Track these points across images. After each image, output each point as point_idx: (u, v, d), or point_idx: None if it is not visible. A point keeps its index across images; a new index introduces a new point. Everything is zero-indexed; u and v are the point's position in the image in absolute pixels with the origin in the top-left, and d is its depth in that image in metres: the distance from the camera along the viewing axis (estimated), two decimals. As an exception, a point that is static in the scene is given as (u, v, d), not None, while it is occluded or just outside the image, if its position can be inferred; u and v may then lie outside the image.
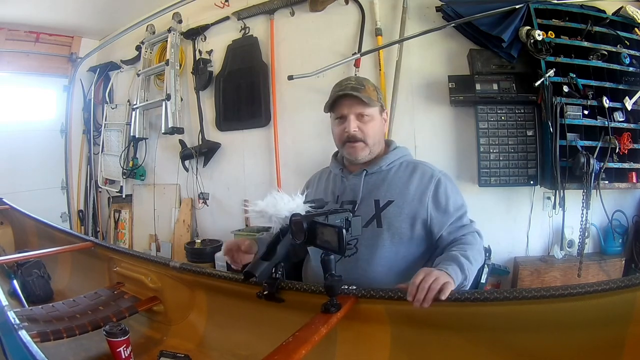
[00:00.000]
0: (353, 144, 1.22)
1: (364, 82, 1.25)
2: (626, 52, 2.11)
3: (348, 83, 1.24)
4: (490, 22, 2.22)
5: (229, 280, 1.24)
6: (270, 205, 0.99)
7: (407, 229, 1.18)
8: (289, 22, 2.91)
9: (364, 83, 1.24)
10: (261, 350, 0.79)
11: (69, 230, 2.18)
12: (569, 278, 2.14)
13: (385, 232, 1.17)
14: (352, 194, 1.25)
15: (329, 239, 0.86)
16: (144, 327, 1.46)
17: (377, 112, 1.23)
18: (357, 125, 1.20)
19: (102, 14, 3.40)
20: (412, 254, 1.20)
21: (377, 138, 1.25)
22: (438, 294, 0.88)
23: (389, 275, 1.16)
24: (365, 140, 1.22)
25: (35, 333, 1.14)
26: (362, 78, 1.28)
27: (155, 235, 3.61)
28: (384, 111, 1.28)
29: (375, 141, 1.24)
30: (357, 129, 1.20)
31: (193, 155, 3.24)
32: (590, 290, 0.77)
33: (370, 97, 1.20)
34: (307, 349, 0.78)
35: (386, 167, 1.24)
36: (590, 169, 1.98)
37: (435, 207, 1.19)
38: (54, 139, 3.88)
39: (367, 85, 1.24)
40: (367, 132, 1.21)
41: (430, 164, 1.29)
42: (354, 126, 1.20)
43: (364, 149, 1.23)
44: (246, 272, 0.99)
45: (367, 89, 1.22)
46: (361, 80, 1.26)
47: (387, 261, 1.17)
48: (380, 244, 1.17)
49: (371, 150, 1.24)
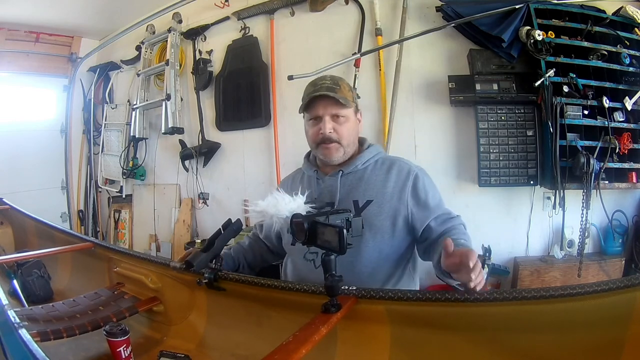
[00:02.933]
0: (328, 145, 1.20)
1: (339, 81, 1.22)
2: (626, 52, 2.11)
3: (323, 83, 1.20)
4: (490, 22, 2.22)
5: (230, 280, 1.24)
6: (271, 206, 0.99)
7: (389, 227, 1.16)
8: (289, 22, 2.91)
9: (339, 83, 1.21)
10: (261, 350, 0.79)
11: (69, 231, 2.17)
12: (569, 278, 2.14)
13: (367, 232, 1.15)
14: (329, 196, 1.23)
15: (330, 239, 0.86)
16: (144, 327, 1.46)
17: (352, 112, 1.22)
18: (332, 127, 1.18)
19: (102, 14, 3.41)
20: (395, 252, 1.19)
21: (352, 139, 1.23)
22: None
23: (374, 275, 1.16)
24: (340, 142, 1.20)
25: (35, 332, 1.14)
26: (337, 77, 1.24)
27: (155, 235, 3.61)
28: (358, 111, 1.26)
29: (349, 142, 1.22)
30: (333, 130, 1.18)
31: (193, 155, 3.24)
32: (590, 291, 0.77)
33: (345, 98, 1.18)
34: (307, 349, 0.78)
35: (362, 166, 1.23)
36: (590, 169, 1.98)
37: (415, 202, 1.18)
38: (54, 139, 3.88)
39: (343, 85, 1.21)
40: (342, 133, 1.19)
41: (405, 160, 1.27)
42: (329, 127, 1.18)
43: (338, 150, 1.21)
44: (186, 262, 1.12)
45: (342, 88, 1.20)
46: (336, 79, 1.23)
47: (371, 261, 1.16)
48: (363, 245, 1.15)
49: (345, 151, 1.22)
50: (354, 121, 1.24)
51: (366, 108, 2.65)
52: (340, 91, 1.19)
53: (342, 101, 1.16)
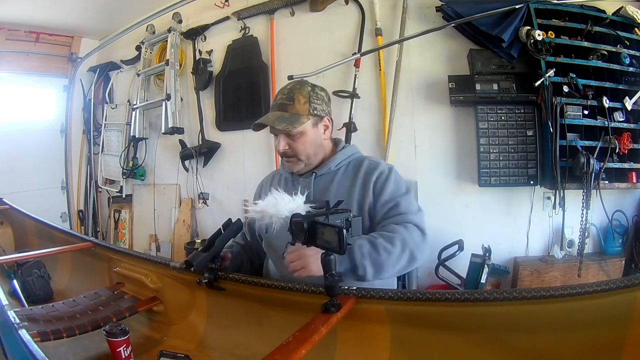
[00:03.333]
0: (288, 159, 1.25)
1: (295, 94, 1.20)
2: (626, 52, 2.11)
3: (280, 98, 1.22)
4: (490, 22, 2.22)
5: (230, 280, 1.24)
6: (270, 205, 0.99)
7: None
8: (289, 22, 2.91)
9: (295, 96, 1.20)
10: (261, 350, 0.79)
11: (69, 230, 2.17)
12: (569, 278, 2.14)
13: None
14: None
15: (330, 238, 0.86)
16: (144, 327, 1.46)
17: (308, 126, 1.21)
18: (286, 144, 1.21)
19: (102, 14, 3.41)
20: None
21: (312, 150, 1.24)
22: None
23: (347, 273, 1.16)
24: (297, 157, 1.23)
25: (35, 332, 1.14)
26: (296, 87, 1.23)
27: (155, 235, 3.61)
28: (322, 119, 1.24)
29: (308, 154, 1.24)
30: (287, 147, 1.21)
31: (193, 155, 3.24)
32: (590, 291, 0.77)
33: (296, 115, 1.18)
34: (307, 349, 0.78)
35: (335, 168, 1.25)
36: (590, 169, 1.98)
37: (375, 197, 1.19)
38: (54, 139, 3.88)
39: (298, 98, 1.20)
40: (297, 148, 1.22)
41: (377, 159, 1.30)
42: (283, 145, 1.21)
43: (297, 164, 1.25)
44: (186, 262, 1.15)
45: (295, 104, 1.19)
46: (293, 92, 1.21)
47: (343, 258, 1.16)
48: None
49: (306, 163, 1.25)
50: (313, 133, 1.23)
51: (366, 108, 2.66)
52: (293, 107, 1.19)
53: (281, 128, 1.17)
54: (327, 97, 1.28)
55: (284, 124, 1.18)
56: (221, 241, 1.21)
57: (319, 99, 1.24)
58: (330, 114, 1.29)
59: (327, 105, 1.27)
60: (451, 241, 2.26)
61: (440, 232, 2.43)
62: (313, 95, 1.22)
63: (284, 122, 1.18)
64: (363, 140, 2.65)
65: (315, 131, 1.24)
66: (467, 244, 2.21)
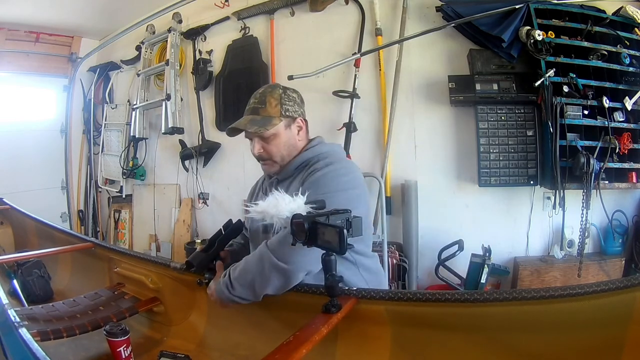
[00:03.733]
0: (263, 162, 1.27)
1: (266, 97, 1.22)
2: (626, 52, 2.11)
3: (252, 102, 1.23)
4: (490, 22, 2.22)
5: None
6: (271, 206, 0.99)
7: None
8: (289, 22, 2.91)
9: (266, 99, 1.21)
10: (261, 350, 0.79)
11: (69, 231, 2.17)
12: (569, 278, 2.14)
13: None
14: None
15: (330, 239, 0.86)
16: (144, 328, 1.46)
17: (280, 128, 1.21)
18: (260, 147, 1.22)
19: (102, 14, 3.41)
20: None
21: (286, 152, 1.24)
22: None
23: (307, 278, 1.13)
24: (272, 159, 1.24)
25: (35, 332, 1.14)
26: (268, 91, 1.24)
27: (155, 235, 3.61)
28: (295, 120, 1.25)
29: (282, 156, 1.24)
30: (262, 150, 1.23)
31: (193, 155, 3.24)
32: (590, 291, 0.77)
33: (268, 118, 1.19)
34: (308, 349, 0.78)
35: (293, 170, 1.24)
36: (590, 169, 1.98)
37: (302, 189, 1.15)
38: (54, 139, 3.88)
39: (269, 101, 1.21)
40: (271, 150, 1.23)
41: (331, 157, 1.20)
42: (257, 148, 1.22)
43: (273, 166, 1.26)
44: (187, 262, 1.18)
45: (267, 107, 1.21)
46: (265, 95, 1.23)
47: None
48: None
49: (281, 164, 1.25)
50: (286, 134, 1.23)
51: (366, 108, 2.66)
52: (265, 110, 1.21)
53: (252, 130, 1.19)
54: (300, 98, 1.29)
55: (255, 126, 1.19)
56: (221, 242, 1.22)
57: (290, 100, 1.25)
58: (304, 115, 1.29)
59: (300, 106, 1.28)
60: (451, 241, 2.26)
61: (440, 232, 2.44)
62: (285, 97, 1.24)
63: (256, 125, 1.20)
64: (363, 140, 2.66)
65: (288, 132, 1.24)
66: (467, 244, 2.22)
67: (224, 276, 1.12)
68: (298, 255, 1.02)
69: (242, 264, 1.10)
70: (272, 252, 1.05)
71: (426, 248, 2.46)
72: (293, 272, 1.03)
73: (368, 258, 1.24)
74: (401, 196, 2.55)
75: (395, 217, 2.59)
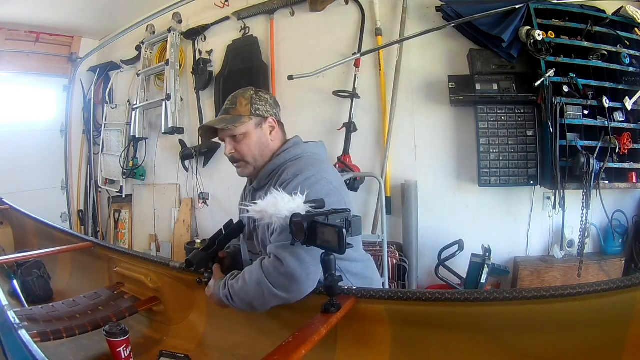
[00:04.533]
0: (236, 164, 1.27)
1: (238, 98, 1.25)
2: (626, 52, 2.11)
3: (225, 104, 1.26)
4: (490, 22, 2.22)
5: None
6: (270, 205, 0.98)
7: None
8: (289, 22, 2.91)
9: (237, 100, 1.24)
10: (261, 350, 0.79)
11: (68, 230, 2.17)
12: (569, 278, 2.14)
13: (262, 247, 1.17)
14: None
15: (330, 238, 0.86)
16: (143, 327, 1.46)
17: (251, 127, 1.23)
18: (232, 147, 1.24)
19: (102, 14, 3.41)
20: None
21: (258, 152, 1.24)
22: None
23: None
24: (244, 159, 1.25)
25: (35, 333, 1.14)
26: (239, 93, 1.26)
27: (155, 235, 3.61)
28: (265, 120, 1.25)
29: (255, 156, 1.24)
30: (234, 151, 1.24)
31: (193, 155, 3.24)
32: (590, 291, 0.77)
33: (237, 117, 1.21)
34: (307, 349, 0.78)
35: (266, 179, 1.24)
36: (590, 169, 1.98)
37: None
38: (54, 139, 3.88)
39: (240, 101, 1.24)
40: (242, 151, 1.23)
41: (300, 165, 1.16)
42: (229, 149, 1.24)
43: (246, 167, 1.26)
44: (187, 261, 1.19)
45: (237, 107, 1.23)
46: (236, 96, 1.25)
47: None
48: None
49: (255, 165, 1.26)
50: (257, 133, 1.24)
51: (366, 108, 2.66)
52: (235, 110, 1.23)
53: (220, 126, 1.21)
54: (273, 100, 1.31)
55: (224, 123, 1.22)
56: (222, 242, 1.22)
57: (262, 100, 1.26)
58: (277, 116, 1.30)
59: (272, 107, 1.29)
60: (451, 241, 2.26)
61: (440, 232, 2.43)
62: (255, 97, 1.26)
63: (224, 122, 1.22)
64: (363, 140, 2.66)
65: (259, 132, 1.25)
66: (467, 244, 2.21)
67: (224, 287, 1.10)
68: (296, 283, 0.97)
69: (241, 281, 1.06)
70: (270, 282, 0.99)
71: (426, 248, 2.46)
72: (294, 299, 1.00)
73: (356, 263, 1.20)
74: (401, 196, 2.55)
75: (395, 217, 2.59)
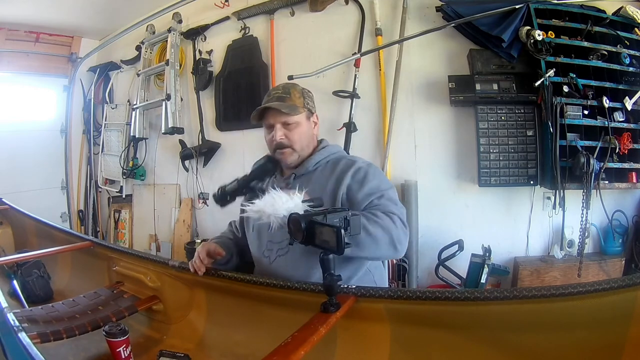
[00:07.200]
0: (282, 150, 1.28)
1: (290, 89, 1.31)
2: (626, 52, 2.11)
3: (275, 93, 1.30)
4: (490, 22, 2.22)
5: (229, 279, 1.24)
6: (268, 205, 0.99)
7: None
8: (289, 22, 2.91)
9: (290, 91, 1.30)
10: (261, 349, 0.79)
11: (68, 230, 2.18)
12: (569, 278, 2.14)
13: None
14: None
15: (328, 238, 0.85)
16: (143, 327, 1.46)
17: (303, 118, 1.29)
18: (283, 134, 1.27)
19: (102, 14, 3.40)
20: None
21: (305, 142, 1.30)
22: None
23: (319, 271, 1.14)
24: (293, 147, 1.28)
25: (35, 334, 1.14)
26: (290, 85, 1.34)
27: (155, 235, 3.61)
28: (313, 114, 1.33)
29: (302, 145, 1.29)
30: (284, 137, 1.27)
31: (193, 155, 3.24)
32: (590, 290, 0.77)
33: (294, 105, 1.27)
34: (306, 350, 0.77)
35: (312, 168, 1.29)
36: (590, 169, 1.98)
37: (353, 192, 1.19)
38: (54, 139, 3.88)
39: (293, 93, 1.29)
40: (294, 138, 1.27)
41: (355, 157, 1.31)
42: (280, 134, 1.26)
43: (292, 154, 1.29)
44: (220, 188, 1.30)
45: (292, 96, 1.28)
46: (288, 88, 1.32)
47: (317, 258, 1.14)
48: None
49: (300, 154, 1.30)
50: (306, 125, 1.31)
51: (366, 108, 2.65)
52: (290, 99, 1.28)
53: (286, 111, 1.24)
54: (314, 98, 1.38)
55: (286, 109, 1.25)
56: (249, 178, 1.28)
57: (309, 97, 1.34)
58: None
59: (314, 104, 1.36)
60: (451, 241, 2.26)
61: (440, 232, 2.43)
62: (305, 92, 1.33)
63: (286, 108, 1.25)
64: (363, 140, 2.65)
65: (308, 124, 1.32)
66: (467, 244, 2.21)
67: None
68: (405, 246, 1.11)
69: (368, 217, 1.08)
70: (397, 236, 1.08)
71: (426, 248, 2.46)
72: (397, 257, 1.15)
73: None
74: (401, 196, 2.55)
75: (395, 217, 2.58)
